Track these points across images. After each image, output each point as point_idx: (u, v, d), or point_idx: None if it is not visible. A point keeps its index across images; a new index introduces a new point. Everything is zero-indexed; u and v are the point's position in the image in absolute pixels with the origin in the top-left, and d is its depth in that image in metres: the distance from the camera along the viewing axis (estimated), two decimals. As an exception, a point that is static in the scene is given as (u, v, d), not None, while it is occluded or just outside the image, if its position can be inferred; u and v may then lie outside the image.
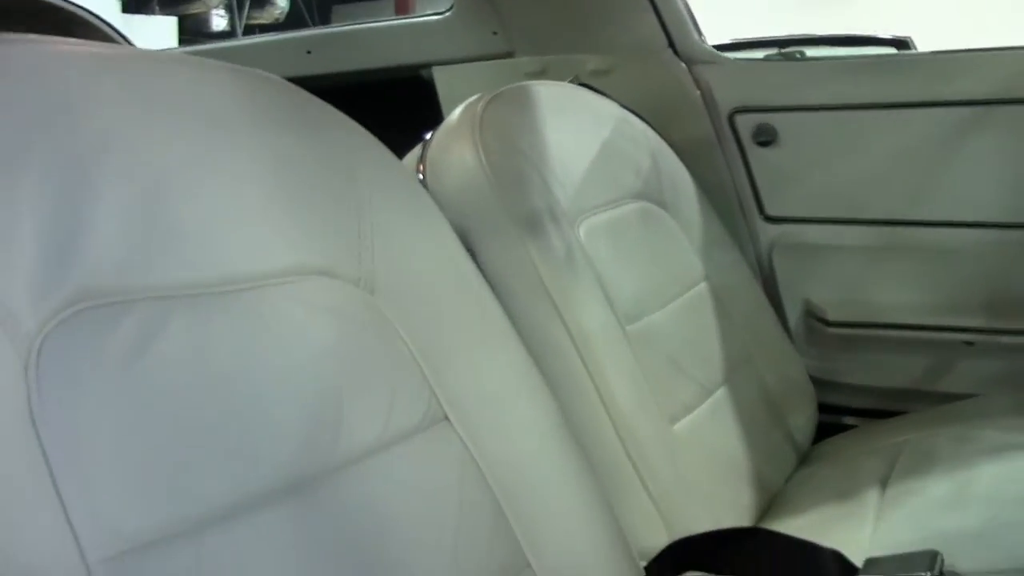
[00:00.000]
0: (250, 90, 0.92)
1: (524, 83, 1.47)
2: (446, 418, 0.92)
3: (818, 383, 1.82)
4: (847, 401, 1.88)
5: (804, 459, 1.70)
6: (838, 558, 1.15)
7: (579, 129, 1.53)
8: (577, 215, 1.40)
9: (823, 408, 1.81)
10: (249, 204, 0.85)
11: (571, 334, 1.27)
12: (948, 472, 1.42)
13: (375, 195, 0.95)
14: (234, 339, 0.78)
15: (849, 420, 1.86)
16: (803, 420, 1.74)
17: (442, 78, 1.99)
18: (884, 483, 1.46)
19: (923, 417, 1.70)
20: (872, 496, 1.43)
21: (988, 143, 1.64)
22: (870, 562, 1.10)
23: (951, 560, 1.10)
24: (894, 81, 1.68)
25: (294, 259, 0.86)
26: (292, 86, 0.96)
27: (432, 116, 1.94)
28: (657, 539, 1.27)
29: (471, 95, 1.42)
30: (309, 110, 0.96)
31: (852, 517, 1.40)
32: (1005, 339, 1.74)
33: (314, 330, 0.84)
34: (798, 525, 1.44)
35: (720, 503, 1.43)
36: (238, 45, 2.10)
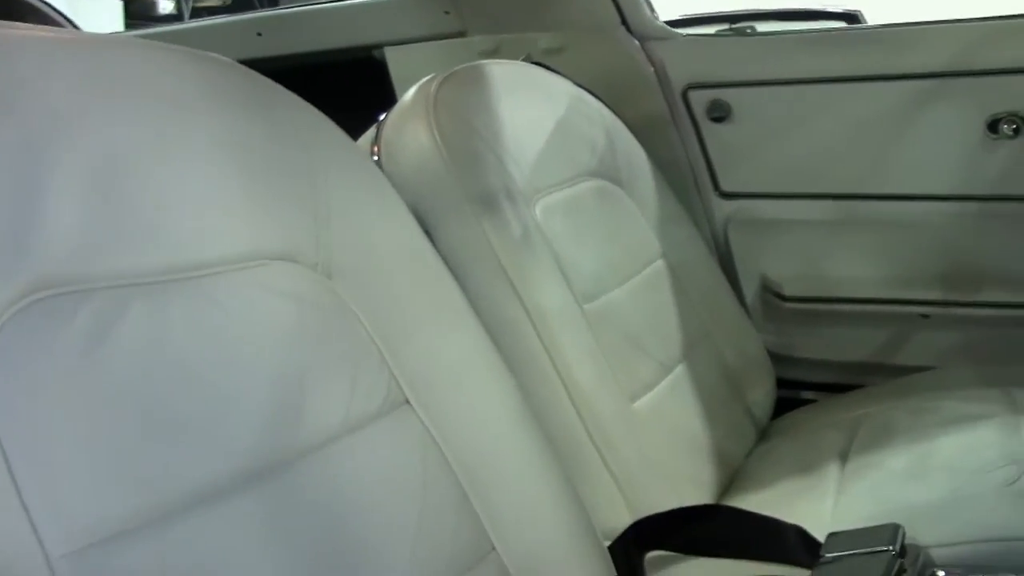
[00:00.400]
0: (204, 72, 0.90)
1: (477, 62, 1.45)
2: (407, 402, 0.92)
3: (776, 358, 1.83)
4: (805, 376, 1.89)
5: (763, 434, 1.71)
6: (801, 533, 1.15)
7: (533, 107, 1.52)
8: (533, 194, 1.38)
9: (781, 383, 1.81)
10: (206, 188, 0.83)
11: (529, 314, 1.26)
12: (907, 444, 1.42)
13: (331, 176, 0.94)
14: (193, 327, 0.77)
15: (807, 395, 1.86)
16: (762, 395, 1.74)
17: (394, 58, 1.96)
18: (844, 456, 1.46)
19: (881, 390, 1.71)
20: (832, 470, 1.44)
21: (941, 115, 1.65)
22: (832, 537, 1.10)
23: (912, 533, 1.10)
24: (848, 55, 1.68)
25: (252, 244, 0.84)
26: (246, 69, 0.94)
27: (385, 97, 1.92)
28: (620, 518, 1.27)
29: (424, 75, 1.40)
30: (264, 92, 0.95)
31: (813, 491, 1.40)
32: (960, 311, 1.75)
33: (274, 316, 0.83)
34: (760, 500, 1.44)
35: (682, 480, 1.43)
36: (187, 28, 2.06)
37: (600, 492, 1.26)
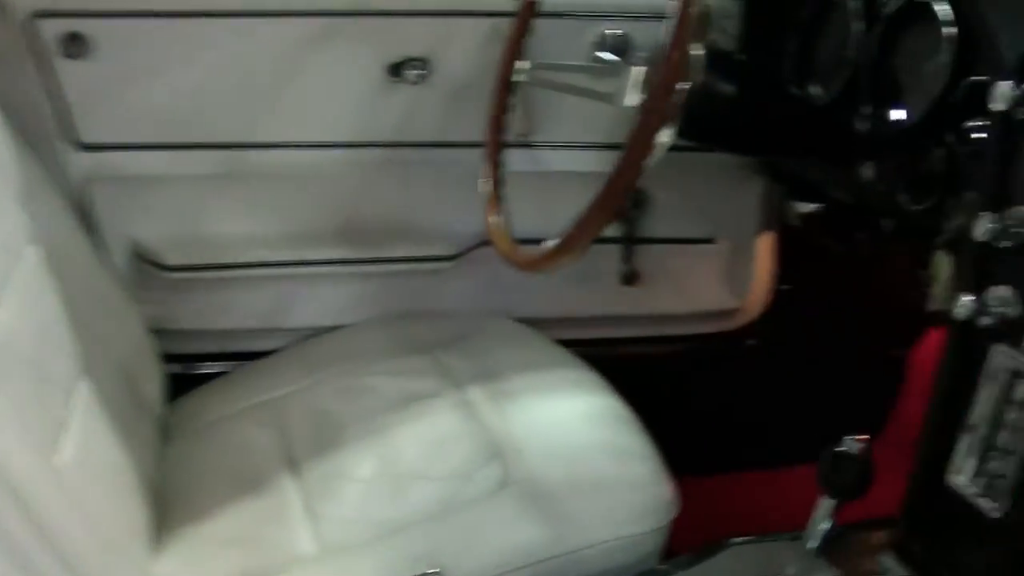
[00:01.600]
0: None
1: None
2: None
3: (161, 333, 1.58)
4: (198, 348, 1.66)
5: (165, 429, 1.46)
6: None
7: None
8: None
9: (170, 359, 1.58)
10: None
11: None
12: (363, 442, 1.32)
13: None
14: None
15: (204, 369, 1.64)
16: (153, 387, 1.49)
17: None
18: (293, 463, 1.30)
19: (288, 360, 1.58)
20: (286, 483, 1.28)
21: (339, 58, 1.48)
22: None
23: (443, 568, 1.01)
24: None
25: None
26: None
27: None
28: None
29: None
30: None
31: (276, 518, 1.24)
32: (363, 268, 1.64)
33: None
34: (216, 535, 1.23)
35: (126, 537, 1.17)
36: None
37: None
